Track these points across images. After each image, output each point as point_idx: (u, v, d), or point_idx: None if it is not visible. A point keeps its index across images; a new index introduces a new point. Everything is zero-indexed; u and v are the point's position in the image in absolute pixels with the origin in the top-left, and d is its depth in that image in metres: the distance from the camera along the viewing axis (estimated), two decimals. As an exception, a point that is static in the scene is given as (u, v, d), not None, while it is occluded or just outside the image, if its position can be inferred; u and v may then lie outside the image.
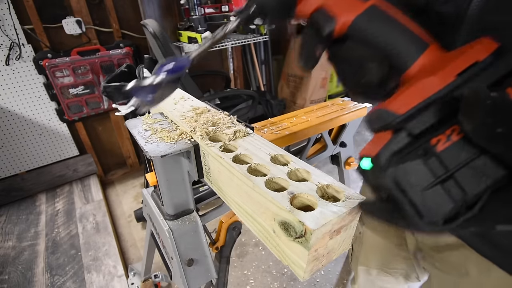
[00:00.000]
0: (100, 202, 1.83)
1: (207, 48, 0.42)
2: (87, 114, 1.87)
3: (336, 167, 1.21)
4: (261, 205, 0.34)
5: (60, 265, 1.39)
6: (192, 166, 0.52)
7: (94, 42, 1.77)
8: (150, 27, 1.26)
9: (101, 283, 1.29)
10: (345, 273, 1.40)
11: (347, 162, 1.17)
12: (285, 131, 0.79)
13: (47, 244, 1.52)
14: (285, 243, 0.32)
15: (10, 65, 1.58)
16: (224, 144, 0.45)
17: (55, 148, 1.88)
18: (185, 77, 1.34)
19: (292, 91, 2.62)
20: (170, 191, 0.57)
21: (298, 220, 0.29)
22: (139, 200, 1.95)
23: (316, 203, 0.31)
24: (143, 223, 1.74)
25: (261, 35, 2.04)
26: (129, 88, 0.42)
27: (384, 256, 0.70)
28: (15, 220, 1.69)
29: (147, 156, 0.46)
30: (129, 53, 1.83)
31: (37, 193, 1.92)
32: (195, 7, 1.71)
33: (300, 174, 0.38)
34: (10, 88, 1.62)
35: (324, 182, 0.34)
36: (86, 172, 2.05)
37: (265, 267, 1.43)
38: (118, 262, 1.39)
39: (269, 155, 0.41)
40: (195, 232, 0.62)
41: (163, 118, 0.60)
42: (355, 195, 0.32)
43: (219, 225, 0.79)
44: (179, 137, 0.50)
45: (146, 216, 0.78)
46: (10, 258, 1.44)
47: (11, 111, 1.67)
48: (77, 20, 1.65)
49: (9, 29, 1.51)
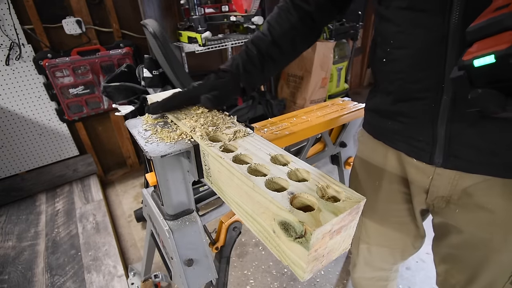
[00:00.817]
0: (100, 202, 1.83)
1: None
2: (87, 114, 1.87)
3: (336, 167, 1.21)
4: (261, 205, 0.34)
5: (60, 265, 1.39)
6: (192, 166, 0.52)
7: (94, 42, 1.77)
8: (150, 27, 1.26)
9: (101, 283, 1.29)
10: (345, 273, 1.40)
11: (347, 162, 1.17)
12: (285, 131, 0.79)
13: (47, 244, 1.52)
14: (285, 243, 0.32)
15: (10, 65, 1.58)
16: (224, 144, 0.45)
17: (55, 148, 1.89)
18: (185, 77, 1.34)
19: (292, 91, 2.62)
20: (170, 191, 0.57)
21: (298, 220, 0.29)
22: (139, 200, 1.95)
23: (316, 203, 0.31)
24: (143, 223, 1.74)
25: (261, 35, 2.04)
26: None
27: (384, 231, 0.73)
28: (15, 220, 1.69)
29: (147, 156, 0.46)
30: (129, 53, 1.83)
31: (37, 193, 1.92)
32: (195, 7, 1.71)
33: (300, 174, 0.38)
34: (10, 88, 1.62)
35: (324, 183, 0.34)
36: (86, 172, 2.05)
37: (265, 267, 1.43)
38: (118, 262, 1.39)
39: (269, 155, 0.41)
40: (195, 232, 0.62)
41: (163, 118, 0.60)
42: (355, 195, 0.32)
43: (219, 225, 0.79)
44: (179, 137, 0.50)
45: (146, 216, 0.78)
46: (10, 258, 1.44)
47: (11, 111, 1.67)
48: (77, 20, 1.65)
49: (9, 29, 1.51)
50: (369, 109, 0.66)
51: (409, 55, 0.49)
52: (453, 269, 0.62)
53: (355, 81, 3.76)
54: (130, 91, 1.47)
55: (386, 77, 0.57)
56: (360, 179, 0.74)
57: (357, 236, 0.80)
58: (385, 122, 0.60)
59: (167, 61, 1.28)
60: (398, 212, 0.68)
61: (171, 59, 1.28)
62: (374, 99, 0.63)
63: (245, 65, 0.60)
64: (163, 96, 0.60)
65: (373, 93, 0.65)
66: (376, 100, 0.62)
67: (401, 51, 0.50)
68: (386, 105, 0.58)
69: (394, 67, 0.53)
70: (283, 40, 0.62)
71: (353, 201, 0.31)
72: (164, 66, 1.39)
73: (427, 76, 0.48)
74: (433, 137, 0.51)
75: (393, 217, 0.70)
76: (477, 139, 0.46)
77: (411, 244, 0.73)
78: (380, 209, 0.70)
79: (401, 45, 0.50)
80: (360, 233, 0.79)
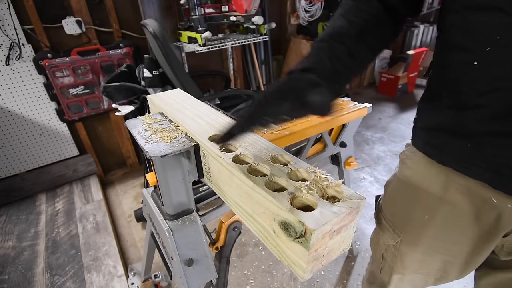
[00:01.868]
0: (100, 202, 1.83)
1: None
2: (87, 114, 1.87)
3: (336, 167, 1.21)
4: (261, 205, 0.34)
5: (60, 265, 1.39)
6: (192, 166, 0.52)
7: (94, 42, 1.77)
8: (150, 27, 1.26)
9: (101, 283, 1.29)
10: (345, 273, 1.40)
11: (347, 162, 1.17)
12: (285, 131, 0.79)
13: (47, 244, 1.52)
14: (285, 243, 0.32)
15: (10, 65, 1.58)
16: (224, 144, 0.45)
17: (55, 148, 1.89)
18: (185, 77, 1.34)
19: (292, 91, 2.61)
20: (170, 191, 0.57)
21: (298, 220, 0.29)
22: (139, 200, 1.95)
23: (316, 203, 0.31)
24: (143, 223, 1.74)
25: (261, 35, 2.04)
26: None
27: (425, 262, 0.64)
28: (15, 220, 1.69)
29: (147, 156, 0.46)
30: (129, 53, 1.83)
31: (37, 193, 1.92)
32: (195, 7, 1.71)
33: (300, 174, 0.38)
34: (10, 88, 1.62)
35: (324, 183, 0.34)
36: (86, 172, 2.05)
37: (265, 267, 1.43)
38: (118, 262, 1.39)
39: (269, 155, 0.41)
40: (195, 232, 0.62)
41: (163, 118, 0.60)
42: (355, 195, 0.32)
43: (219, 225, 0.79)
44: (179, 137, 0.50)
45: (146, 216, 0.78)
46: (10, 258, 1.44)
47: (11, 111, 1.67)
48: (77, 20, 1.64)
49: (9, 29, 1.51)
50: (430, 127, 0.53)
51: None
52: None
53: (355, 81, 3.76)
54: (130, 91, 1.47)
55: (474, 87, 0.44)
56: (399, 207, 0.64)
57: (391, 266, 0.70)
58: (463, 144, 0.48)
59: (167, 61, 1.28)
60: (448, 251, 0.59)
61: (171, 59, 1.28)
62: (439, 115, 0.51)
63: (333, 62, 0.45)
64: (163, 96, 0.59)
65: (435, 107, 0.52)
66: (446, 116, 0.49)
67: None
68: (470, 123, 0.45)
69: (494, 72, 0.41)
70: (369, 33, 0.49)
71: (353, 201, 0.31)
72: (164, 66, 1.39)
73: None
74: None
75: (441, 255, 0.60)
76: None
77: (452, 277, 0.64)
78: (426, 244, 0.60)
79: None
80: (394, 264, 0.69)
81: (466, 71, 0.44)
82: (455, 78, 0.46)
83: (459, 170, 0.50)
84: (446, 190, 0.53)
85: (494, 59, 0.40)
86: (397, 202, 0.65)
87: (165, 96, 0.68)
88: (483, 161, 0.46)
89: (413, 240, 0.62)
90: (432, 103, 0.53)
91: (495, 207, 0.48)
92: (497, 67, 0.40)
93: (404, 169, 0.62)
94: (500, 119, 0.42)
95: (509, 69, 0.39)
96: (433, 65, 0.53)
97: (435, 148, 0.53)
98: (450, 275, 0.63)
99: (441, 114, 0.50)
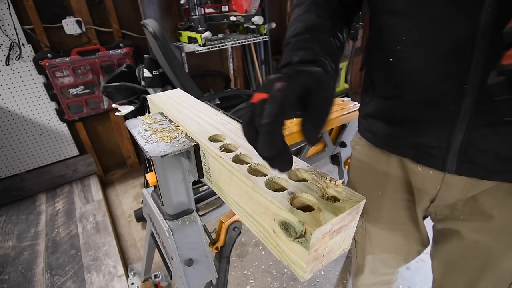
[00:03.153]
0: (100, 202, 1.83)
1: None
2: (87, 114, 1.87)
3: (336, 167, 1.21)
4: (261, 205, 0.34)
5: (60, 265, 1.39)
6: (192, 166, 0.52)
7: (94, 42, 1.77)
8: (150, 27, 1.26)
9: (101, 283, 1.29)
10: (345, 273, 1.40)
11: (347, 162, 1.17)
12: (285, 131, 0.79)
13: (47, 244, 1.52)
14: (285, 243, 0.32)
15: (10, 65, 1.58)
16: (224, 144, 0.45)
17: (55, 148, 1.89)
18: (185, 77, 1.34)
19: (292, 91, 2.62)
20: (170, 191, 0.57)
21: (298, 220, 0.29)
22: (139, 200, 1.95)
23: (316, 203, 0.31)
24: (143, 223, 1.74)
25: (261, 35, 2.04)
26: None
27: (389, 238, 0.71)
28: (15, 220, 1.69)
29: (147, 156, 0.45)
30: (129, 53, 1.83)
31: (37, 193, 1.92)
32: (195, 7, 1.71)
33: (300, 174, 0.38)
34: (10, 88, 1.62)
35: (324, 183, 0.34)
36: (86, 172, 2.05)
37: (265, 267, 1.43)
38: (118, 262, 1.39)
39: (269, 155, 0.41)
40: (195, 232, 0.62)
41: (163, 118, 0.60)
42: (355, 195, 0.32)
43: (219, 225, 0.79)
44: (179, 137, 0.50)
45: (146, 216, 0.78)
46: (10, 258, 1.44)
47: (11, 111, 1.67)
48: (77, 20, 1.65)
49: (9, 29, 1.51)
50: (367, 115, 0.61)
51: (427, 54, 0.44)
52: (451, 275, 0.61)
53: (355, 81, 3.76)
54: (130, 91, 1.47)
55: (391, 79, 0.52)
56: (358, 189, 0.70)
57: (362, 246, 0.77)
58: (390, 129, 0.56)
59: (167, 61, 1.28)
60: (402, 219, 0.67)
61: (171, 59, 1.28)
62: (372, 104, 0.59)
63: (328, 54, 0.44)
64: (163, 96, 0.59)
65: (369, 98, 0.60)
66: (376, 105, 0.58)
67: (416, 50, 0.45)
68: (391, 110, 0.54)
69: (404, 67, 0.48)
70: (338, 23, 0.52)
71: (353, 201, 0.31)
72: (164, 66, 1.39)
73: (447, 77, 0.43)
74: (448, 142, 0.47)
75: (397, 225, 0.68)
76: (498, 144, 0.44)
77: (415, 249, 0.72)
78: (384, 218, 0.68)
79: (415, 42, 0.45)
80: (365, 244, 0.76)
81: (384, 66, 0.52)
82: (378, 72, 0.55)
83: (391, 151, 0.59)
84: (388, 167, 0.62)
85: (402, 56, 0.47)
86: (356, 184, 0.72)
87: (165, 96, 0.68)
88: (407, 141, 0.54)
89: (374, 217, 0.69)
90: (367, 94, 0.61)
91: (420, 174, 0.56)
92: (406, 63, 0.47)
93: (355, 154, 0.71)
94: (412, 106, 0.50)
95: (414, 65, 0.46)
96: (364, 61, 0.61)
97: (372, 133, 0.62)
98: (413, 248, 0.71)
99: (373, 103, 0.59)
